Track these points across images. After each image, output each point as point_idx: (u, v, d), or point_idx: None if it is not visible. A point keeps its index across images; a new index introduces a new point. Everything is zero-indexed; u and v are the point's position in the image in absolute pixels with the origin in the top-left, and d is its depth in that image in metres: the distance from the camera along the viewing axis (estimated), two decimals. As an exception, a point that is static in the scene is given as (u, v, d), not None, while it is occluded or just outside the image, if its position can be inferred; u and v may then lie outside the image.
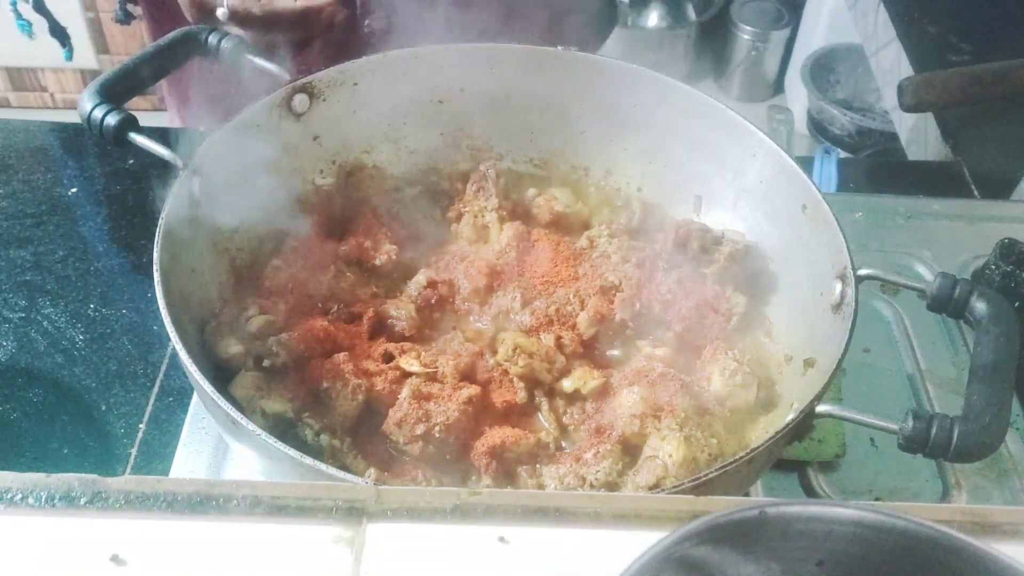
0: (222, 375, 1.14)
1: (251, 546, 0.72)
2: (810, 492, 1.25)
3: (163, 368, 1.38)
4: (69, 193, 1.66)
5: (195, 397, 1.30)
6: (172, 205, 1.10)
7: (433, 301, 1.28)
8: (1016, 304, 1.35)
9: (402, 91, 1.38)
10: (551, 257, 1.35)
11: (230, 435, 1.02)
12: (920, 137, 2.07)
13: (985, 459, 1.02)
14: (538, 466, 1.10)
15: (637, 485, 1.04)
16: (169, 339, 0.99)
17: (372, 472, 1.05)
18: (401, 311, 1.24)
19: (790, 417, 1.00)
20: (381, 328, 1.24)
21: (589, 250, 1.37)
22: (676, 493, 0.91)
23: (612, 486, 1.05)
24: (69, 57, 1.92)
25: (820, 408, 0.97)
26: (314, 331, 1.17)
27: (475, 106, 1.43)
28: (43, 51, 3.73)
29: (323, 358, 1.15)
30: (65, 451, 1.29)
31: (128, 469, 1.26)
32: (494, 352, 1.19)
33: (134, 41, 3.72)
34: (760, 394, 1.18)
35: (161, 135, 1.18)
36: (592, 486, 1.05)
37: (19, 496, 0.73)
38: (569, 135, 1.46)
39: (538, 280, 1.30)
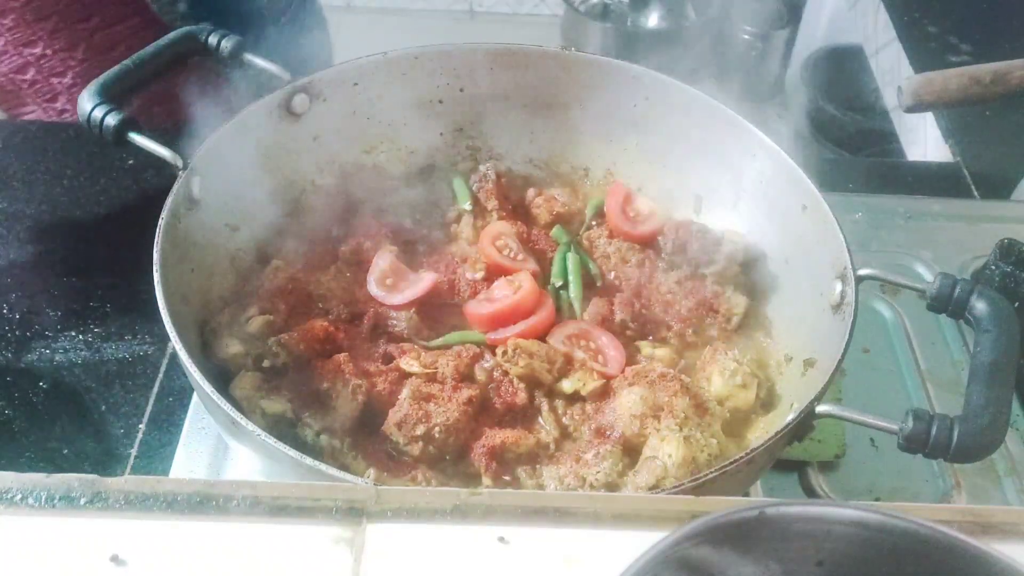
0: (222, 375, 1.14)
1: (251, 546, 0.72)
2: (810, 492, 1.25)
3: (163, 368, 1.38)
4: (69, 193, 1.65)
5: (195, 397, 1.30)
6: (172, 205, 1.10)
7: (433, 301, 1.28)
8: (1016, 304, 1.35)
9: (402, 91, 1.38)
10: (551, 257, 1.35)
11: (230, 435, 1.02)
12: (920, 137, 2.07)
13: (985, 459, 1.02)
14: (538, 466, 1.10)
15: (637, 485, 1.04)
16: (169, 339, 0.99)
17: (372, 472, 1.05)
18: (401, 311, 1.24)
19: (790, 417, 1.00)
20: (381, 328, 1.24)
21: (589, 250, 1.38)
22: (676, 493, 0.91)
23: (612, 486, 1.06)
24: None
25: (820, 408, 0.97)
26: (314, 331, 1.17)
27: (475, 106, 1.43)
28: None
29: (323, 358, 1.15)
30: (65, 451, 1.29)
31: (128, 469, 1.26)
32: (494, 352, 1.19)
33: (134, 41, 3.71)
34: (760, 394, 1.18)
35: (161, 135, 1.18)
36: (592, 486, 1.05)
37: (19, 496, 0.73)
38: (569, 135, 1.46)
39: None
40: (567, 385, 1.18)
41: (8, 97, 1.84)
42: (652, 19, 4.04)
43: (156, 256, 1.05)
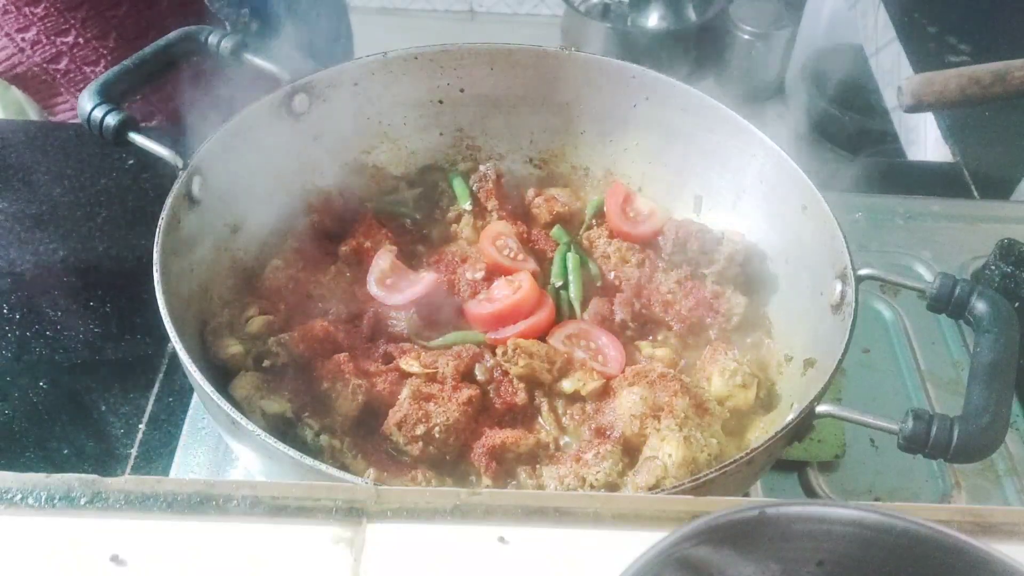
0: (222, 375, 1.14)
1: (251, 546, 0.72)
2: (810, 492, 1.25)
3: (163, 368, 1.38)
4: (69, 193, 1.65)
5: (195, 397, 1.30)
6: (172, 205, 1.10)
7: (433, 301, 1.28)
8: (1016, 304, 1.35)
9: (402, 91, 1.38)
10: (551, 257, 1.35)
11: (230, 435, 1.02)
12: (920, 137, 2.07)
13: (985, 459, 1.02)
14: (538, 466, 1.10)
15: (637, 485, 1.04)
16: (169, 339, 0.99)
17: (372, 472, 1.05)
18: (401, 311, 1.24)
19: (790, 417, 1.00)
20: (381, 328, 1.24)
21: (589, 250, 1.38)
22: (676, 493, 0.91)
23: (612, 486, 1.05)
24: None
25: (820, 408, 0.97)
26: (314, 331, 1.17)
27: (475, 106, 1.43)
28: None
29: (323, 358, 1.15)
30: (65, 451, 1.29)
31: (128, 469, 1.26)
32: (494, 352, 1.19)
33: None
34: (760, 394, 1.18)
35: (161, 135, 1.18)
36: (592, 486, 1.05)
37: (19, 496, 0.73)
38: (569, 135, 1.46)
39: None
40: (567, 385, 1.18)
41: (41, 88, 1.83)
42: (652, 19, 4.05)
43: (156, 256, 1.05)
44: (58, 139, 1.76)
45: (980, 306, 1.02)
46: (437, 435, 1.08)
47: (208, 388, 0.95)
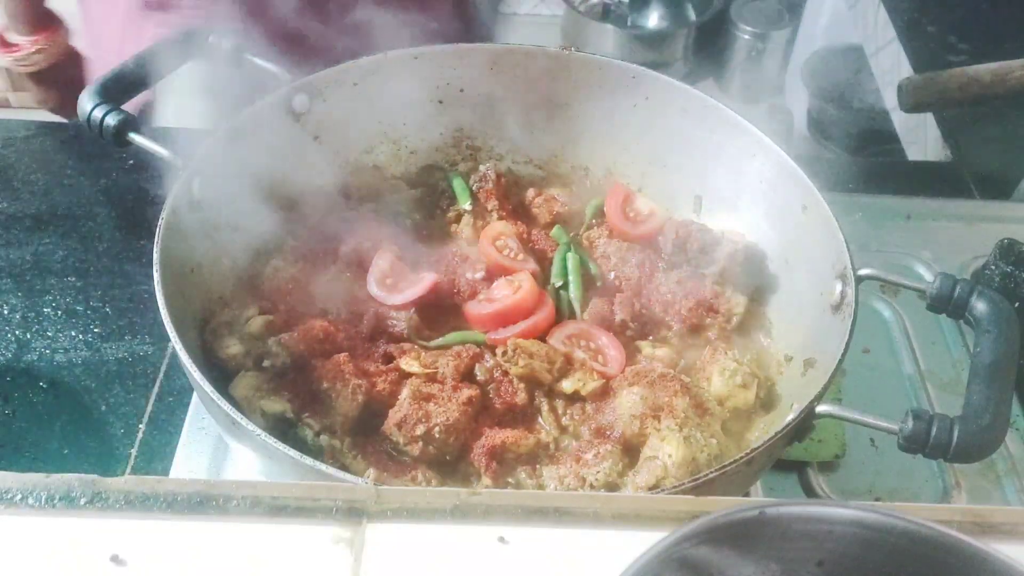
0: (222, 375, 1.14)
1: (251, 546, 0.72)
2: (810, 492, 1.25)
3: (163, 368, 1.38)
4: (69, 193, 1.65)
5: (195, 397, 1.30)
6: (172, 205, 1.10)
7: (433, 301, 1.28)
8: (1016, 304, 1.35)
9: (402, 91, 1.38)
10: (551, 257, 1.35)
11: (230, 435, 1.02)
12: (920, 137, 2.07)
13: (985, 459, 1.02)
14: (538, 466, 1.10)
15: (637, 485, 1.04)
16: (169, 339, 0.99)
17: (372, 472, 1.05)
18: (401, 311, 1.24)
19: (790, 417, 1.00)
20: (381, 328, 1.24)
21: (589, 250, 1.38)
22: (676, 493, 0.91)
23: (612, 486, 1.05)
24: None
25: (820, 408, 0.97)
26: (314, 331, 1.17)
27: (475, 106, 1.43)
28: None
29: (323, 358, 1.15)
30: (65, 451, 1.29)
31: (128, 469, 1.26)
32: (494, 352, 1.19)
33: (134, 41, 3.70)
34: (760, 394, 1.18)
35: (161, 135, 1.18)
36: (592, 487, 1.05)
37: (19, 496, 0.73)
38: (569, 135, 1.46)
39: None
40: (567, 385, 1.18)
41: None
42: (652, 19, 4.05)
43: (156, 256, 1.05)
44: (58, 139, 1.76)
45: (980, 306, 1.02)
46: (437, 435, 1.08)
47: (208, 388, 0.95)
